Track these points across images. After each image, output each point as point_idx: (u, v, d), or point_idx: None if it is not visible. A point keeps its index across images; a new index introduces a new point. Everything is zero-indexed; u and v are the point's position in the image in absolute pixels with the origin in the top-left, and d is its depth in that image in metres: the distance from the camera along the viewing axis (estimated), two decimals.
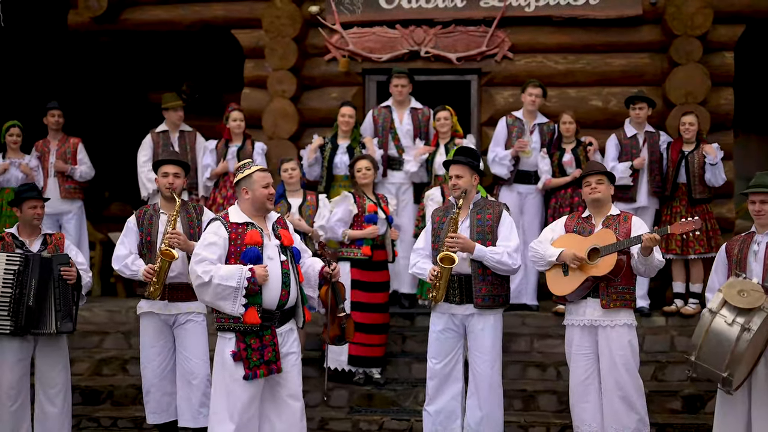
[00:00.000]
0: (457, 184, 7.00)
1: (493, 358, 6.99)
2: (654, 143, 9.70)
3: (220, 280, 5.96)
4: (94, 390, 8.98)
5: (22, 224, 7.47)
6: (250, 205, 6.28)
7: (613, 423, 6.76)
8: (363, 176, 8.78)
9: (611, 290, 6.70)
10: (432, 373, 7.12)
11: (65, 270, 7.20)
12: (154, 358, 7.27)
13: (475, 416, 7.02)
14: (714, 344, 5.91)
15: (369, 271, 8.80)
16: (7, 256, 7.20)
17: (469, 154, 7.16)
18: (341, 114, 9.81)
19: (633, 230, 6.73)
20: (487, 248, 6.85)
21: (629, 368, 6.73)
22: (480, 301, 6.92)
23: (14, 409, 7.25)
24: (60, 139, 10.61)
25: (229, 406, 6.10)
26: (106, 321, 10.16)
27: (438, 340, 7.08)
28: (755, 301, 5.83)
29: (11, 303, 7.13)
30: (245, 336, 6.08)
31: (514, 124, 9.93)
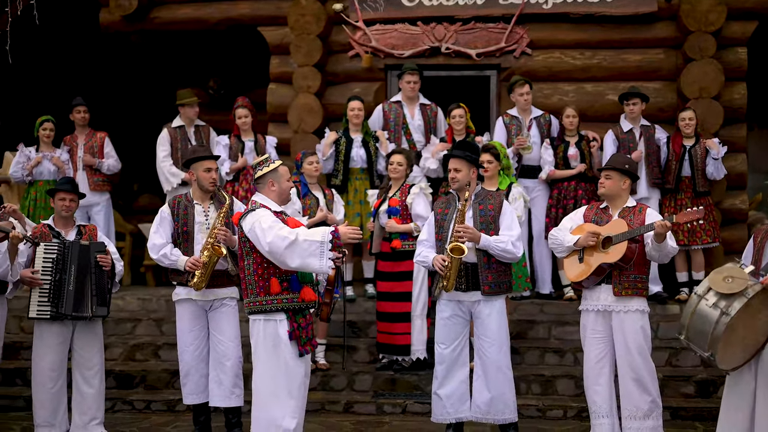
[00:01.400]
0: (455, 178, 7.28)
1: (501, 342, 7.28)
2: (650, 137, 10.03)
3: (306, 236, 6.11)
4: (128, 374, 9.34)
5: (56, 216, 7.83)
6: (276, 197, 6.59)
7: (627, 404, 7.02)
8: (394, 170, 9.09)
9: (623, 278, 6.97)
10: (441, 358, 7.41)
11: (102, 257, 7.55)
12: (191, 342, 7.57)
13: (483, 398, 7.30)
14: (698, 325, 6.20)
15: (392, 262, 9.10)
16: (45, 245, 7.55)
17: (467, 148, 7.47)
18: (350, 108, 10.14)
19: (647, 221, 6.98)
20: (492, 237, 7.14)
21: (642, 352, 7.00)
22: (487, 289, 7.21)
23: (54, 391, 7.60)
24: (87, 134, 10.95)
25: (288, 384, 6.30)
26: (138, 309, 10.52)
27: (446, 326, 7.37)
28: (737, 287, 6.10)
29: (51, 289, 7.48)
30: (296, 316, 6.37)
31: (512, 122, 10.26)
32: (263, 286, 6.32)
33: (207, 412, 7.69)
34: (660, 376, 8.68)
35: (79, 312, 7.49)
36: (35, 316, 7.53)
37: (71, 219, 7.85)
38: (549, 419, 8.53)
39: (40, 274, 7.48)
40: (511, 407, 7.37)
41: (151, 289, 11.50)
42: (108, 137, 11.01)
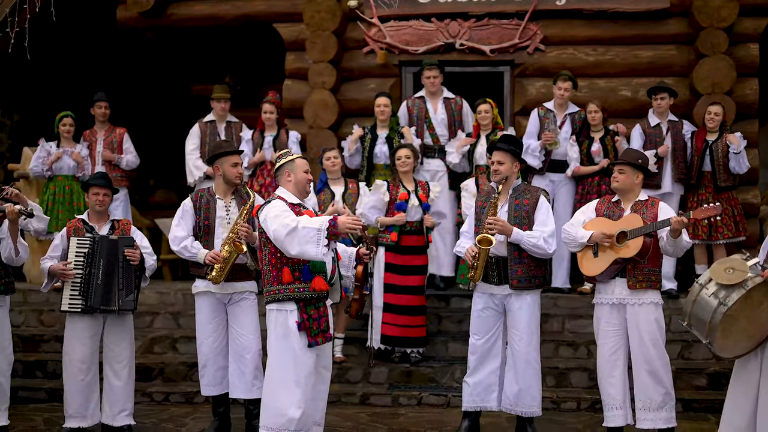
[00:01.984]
0: (498, 170, 7.39)
1: (530, 336, 7.39)
2: (677, 132, 10.08)
3: (305, 224, 6.29)
4: (147, 367, 9.46)
5: (90, 210, 7.95)
6: (293, 187, 6.74)
7: (641, 396, 7.13)
8: (402, 164, 9.20)
9: (637, 272, 7.07)
10: (473, 348, 7.54)
11: (129, 252, 7.67)
12: (210, 334, 7.67)
13: (512, 389, 7.43)
14: (699, 314, 6.34)
15: (402, 255, 9.22)
16: (78, 240, 7.70)
17: (512, 142, 7.57)
18: (377, 104, 10.24)
19: (660, 215, 7.08)
20: (524, 232, 7.23)
21: (656, 344, 7.10)
22: (515, 283, 7.32)
23: (85, 383, 7.72)
24: (107, 129, 11.07)
25: (296, 374, 6.50)
26: (155, 302, 10.64)
27: (479, 317, 7.50)
28: (736, 279, 6.22)
29: (82, 283, 7.62)
30: (306, 307, 6.54)
31: (546, 115, 10.32)
32: (276, 276, 6.52)
33: (226, 403, 7.82)
34: (672, 368, 8.76)
35: (106, 305, 7.63)
36: (66, 309, 7.67)
37: (105, 213, 7.97)
38: (563, 411, 8.65)
39: (72, 267, 7.62)
40: (538, 401, 7.50)
41: (168, 283, 11.63)
42: (127, 133, 11.12)
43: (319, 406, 6.91)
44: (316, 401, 6.86)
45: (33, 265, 10.89)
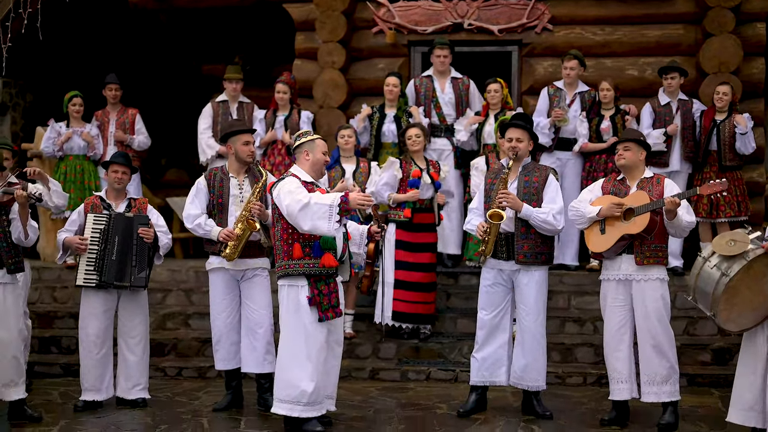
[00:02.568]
0: (518, 147, 7.49)
1: (537, 311, 7.54)
2: (687, 111, 10.16)
3: (317, 200, 6.56)
4: (160, 342, 9.59)
5: (109, 188, 8.10)
6: (309, 167, 6.96)
7: (646, 370, 7.24)
8: (413, 143, 9.30)
9: (645, 248, 7.17)
10: (482, 324, 7.67)
11: (143, 230, 7.82)
12: (223, 309, 7.81)
13: (519, 363, 7.58)
14: (702, 287, 6.52)
15: (413, 233, 9.33)
16: (94, 216, 7.86)
17: (527, 120, 7.70)
18: (386, 84, 10.32)
19: (666, 191, 7.17)
20: (534, 208, 7.37)
21: (661, 319, 7.21)
22: (521, 258, 7.46)
23: (99, 357, 7.90)
24: (119, 110, 11.16)
25: (307, 348, 6.79)
26: (168, 279, 10.78)
27: (488, 293, 7.63)
28: (737, 250, 6.37)
29: (97, 258, 7.79)
30: (317, 283, 6.73)
31: (556, 94, 10.41)
32: (287, 251, 6.77)
33: (238, 377, 7.96)
34: (678, 344, 8.86)
35: (120, 281, 7.78)
36: (81, 283, 7.85)
37: (123, 192, 8.12)
38: (569, 386, 8.80)
39: (89, 243, 7.79)
40: (543, 375, 7.65)
41: (179, 261, 11.77)
42: (139, 114, 11.23)
43: (331, 380, 7.13)
44: (329, 375, 7.06)
45: (47, 243, 11.04)
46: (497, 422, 7.46)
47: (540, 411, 7.60)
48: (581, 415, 7.68)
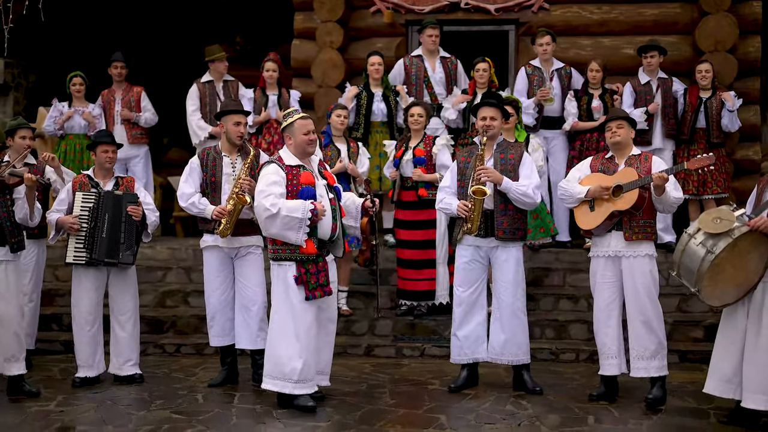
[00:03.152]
0: (491, 126, 7.60)
1: (515, 287, 7.64)
2: (667, 89, 10.25)
3: (287, 212, 6.80)
4: (159, 320, 9.76)
5: (97, 167, 8.22)
6: (294, 150, 7.14)
7: (635, 345, 7.33)
8: (415, 122, 9.35)
9: (633, 224, 7.25)
10: (459, 301, 7.77)
11: (132, 208, 7.94)
12: (218, 287, 7.93)
13: (498, 339, 7.68)
14: (687, 263, 6.62)
15: (413, 210, 9.42)
16: (83, 194, 7.98)
17: (500, 99, 7.78)
18: (370, 63, 10.40)
19: (653, 168, 7.25)
20: (513, 182, 7.48)
21: (650, 295, 7.30)
22: (501, 234, 7.56)
23: (92, 333, 8.05)
24: (124, 89, 11.26)
25: (295, 327, 6.97)
26: (168, 257, 10.92)
27: (465, 270, 7.72)
28: (722, 228, 6.44)
29: (86, 236, 7.92)
30: (304, 262, 6.90)
31: (534, 72, 10.50)
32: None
33: (233, 353, 8.08)
34: (670, 320, 9.11)
35: (110, 258, 7.91)
36: (72, 261, 7.99)
37: (111, 170, 8.25)
38: (561, 362, 8.89)
39: (78, 221, 7.90)
40: (524, 349, 7.74)
41: (180, 240, 11.90)
42: (144, 91, 11.32)
43: (323, 357, 7.26)
44: (321, 352, 7.19)
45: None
46: (487, 397, 7.56)
47: (530, 386, 7.70)
48: (571, 391, 7.77)
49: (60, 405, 7.37)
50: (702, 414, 7.10)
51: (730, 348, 6.78)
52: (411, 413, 7.14)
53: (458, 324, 7.81)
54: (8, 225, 7.54)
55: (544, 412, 7.10)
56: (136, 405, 7.38)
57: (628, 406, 7.29)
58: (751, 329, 6.67)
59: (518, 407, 7.27)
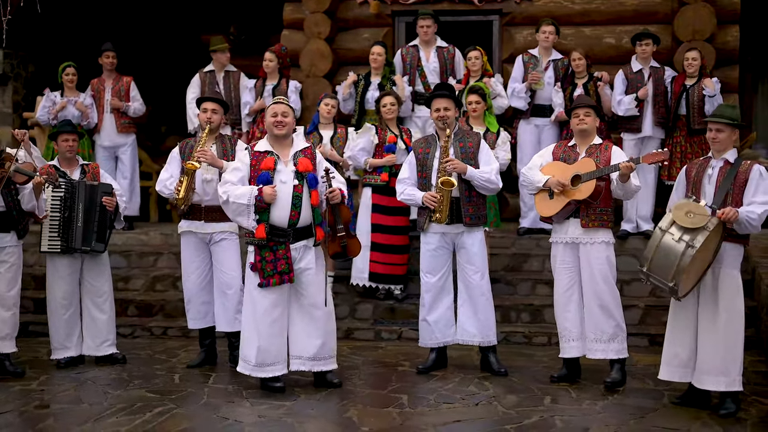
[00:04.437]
0: (446, 116, 7.83)
1: (483, 269, 7.92)
2: (659, 78, 10.38)
3: (234, 198, 7.13)
4: (149, 303, 10.08)
5: (61, 156, 8.52)
6: (267, 135, 7.38)
7: (593, 329, 7.56)
8: (387, 111, 9.59)
9: (590, 212, 7.47)
10: (428, 287, 8.03)
11: (107, 199, 8.26)
12: (193, 271, 8.22)
13: (471, 322, 7.94)
14: (662, 258, 6.69)
15: (388, 196, 9.63)
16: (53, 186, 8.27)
17: (449, 89, 8.04)
18: (371, 52, 10.63)
19: (613, 159, 7.45)
20: (476, 170, 7.74)
21: (607, 280, 7.53)
22: (468, 220, 7.82)
23: (66, 318, 8.39)
24: (114, 78, 11.53)
25: (253, 312, 7.33)
26: (160, 243, 11.21)
27: (432, 257, 7.97)
28: (699, 222, 6.60)
29: (60, 225, 8.25)
30: (261, 249, 7.17)
31: (530, 60, 10.68)
32: None
33: (212, 335, 8.39)
34: (642, 305, 9.35)
35: (86, 246, 8.24)
36: (47, 249, 8.34)
37: (75, 159, 8.54)
38: (534, 345, 9.13)
39: (49, 211, 8.23)
40: (494, 330, 8.01)
41: (174, 225, 12.06)
42: (134, 82, 11.59)
43: (304, 342, 7.45)
44: (299, 338, 7.43)
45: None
46: (453, 378, 7.81)
47: (495, 368, 7.95)
48: (536, 373, 8.00)
49: (42, 384, 7.71)
50: (657, 395, 7.32)
51: (684, 333, 6.99)
52: (375, 393, 7.43)
53: (428, 309, 8.06)
54: (14, 213, 7.91)
55: (504, 393, 7.35)
56: (115, 384, 7.69)
57: (587, 388, 7.52)
58: (704, 314, 6.87)
59: (480, 388, 7.52)
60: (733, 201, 6.77)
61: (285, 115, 7.39)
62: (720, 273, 6.88)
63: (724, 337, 6.83)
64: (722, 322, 6.84)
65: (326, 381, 7.52)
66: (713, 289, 6.87)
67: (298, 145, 7.53)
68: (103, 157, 11.26)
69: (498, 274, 9.95)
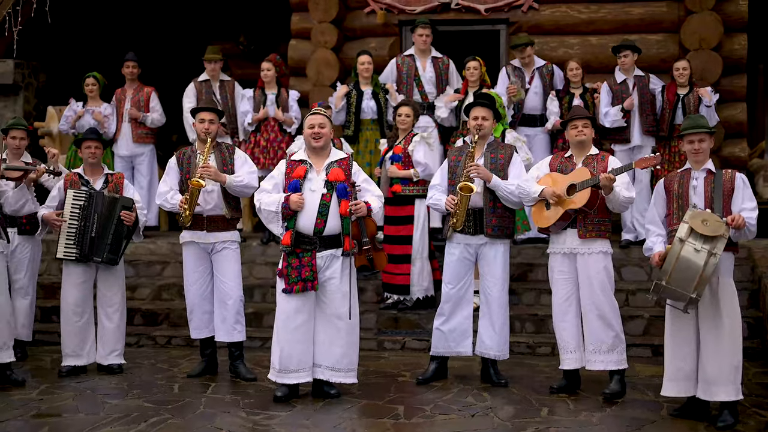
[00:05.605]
0: (483, 126, 7.81)
1: (503, 282, 7.89)
2: (644, 86, 10.35)
3: (265, 206, 7.33)
4: (154, 312, 10.13)
5: (85, 164, 8.59)
6: (304, 144, 7.57)
7: (591, 340, 7.53)
8: (402, 121, 9.52)
9: (587, 222, 7.44)
10: (447, 297, 7.99)
11: (125, 213, 8.28)
12: (195, 281, 8.24)
13: (488, 334, 7.91)
14: (684, 269, 6.57)
15: (396, 206, 9.66)
16: (74, 192, 8.34)
17: (491, 100, 8.04)
18: (360, 62, 10.64)
19: (609, 168, 7.42)
20: (501, 180, 7.70)
21: (605, 290, 7.49)
22: (490, 231, 7.78)
23: (80, 325, 8.43)
24: (135, 88, 11.59)
25: (279, 316, 7.40)
26: (167, 252, 11.24)
27: (455, 267, 7.93)
28: (717, 229, 6.55)
29: (77, 233, 8.29)
30: (288, 256, 7.27)
31: (515, 72, 10.69)
32: None
33: (213, 345, 8.40)
34: (647, 315, 9.29)
35: (97, 256, 8.29)
36: (62, 256, 8.39)
37: (99, 166, 8.58)
38: (538, 355, 9.10)
39: (68, 218, 8.27)
40: (508, 344, 8.03)
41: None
42: (155, 92, 11.64)
43: (326, 351, 7.45)
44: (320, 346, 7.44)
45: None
46: (452, 389, 7.80)
47: (495, 379, 7.93)
48: (536, 384, 7.97)
49: (42, 393, 7.73)
50: (655, 407, 7.27)
51: (686, 347, 6.93)
52: (371, 404, 7.41)
53: (446, 318, 8.02)
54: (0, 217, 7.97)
55: (502, 404, 7.33)
56: (114, 394, 7.72)
57: (585, 399, 7.49)
58: (706, 324, 6.80)
59: (478, 399, 7.51)
60: (723, 210, 6.76)
61: (322, 126, 7.44)
62: (718, 282, 6.83)
63: (729, 344, 6.78)
64: (726, 330, 6.78)
65: (324, 391, 7.51)
66: (712, 298, 6.81)
67: (335, 155, 7.60)
68: (121, 166, 11.30)
69: None
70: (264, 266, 10.59)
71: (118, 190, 8.47)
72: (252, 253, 10.86)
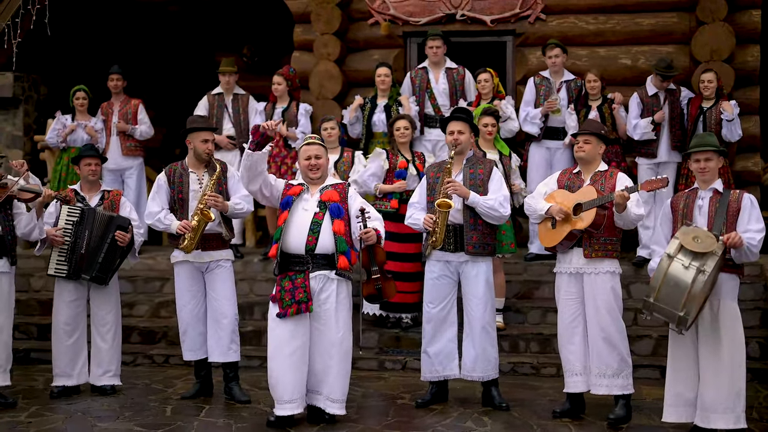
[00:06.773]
0: (459, 140, 7.59)
1: (486, 302, 7.61)
2: (675, 100, 10.07)
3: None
4: (152, 330, 9.93)
5: (82, 180, 8.41)
6: (303, 174, 7.41)
7: (597, 363, 7.28)
8: (401, 135, 9.36)
9: (593, 241, 7.21)
10: (429, 317, 7.75)
11: (120, 234, 8.09)
12: (189, 301, 8.03)
13: (470, 355, 7.66)
14: (672, 286, 6.41)
15: (400, 223, 9.42)
16: (69, 208, 8.17)
17: (468, 114, 7.79)
18: (377, 74, 10.43)
19: (618, 185, 7.19)
20: (480, 196, 7.46)
21: (612, 312, 7.25)
22: (471, 249, 7.53)
23: (70, 344, 8.23)
24: (122, 101, 11.40)
25: (272, 341, 7.12)
26: (166, 268, 10.94)
27: (435, 286, 7.71)
28: (708, 246, 6.34)
29: (69, 250, 8.11)
30: (281, 280, 7.05)
31: (542, 83, 10.43)
32: None
33: (207, 367, 8.18)
34: (655, 335, 9.03)
35: (86, 273, 8.09)
36: (53, 273, 8.20)
37: (97, 183, 8.42)
38: (542, 376, 8.88)
39: (62, 235, 8.07)
40: (494, 364, 7.74)
41: None
42: (142, 104, 11.45)
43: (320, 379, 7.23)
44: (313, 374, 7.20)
45: None
46: (451, 413, 7.57)
47: (497, 402, 7.70)
48: (538, 407, 7.74)
49: (31, 416, 7.55)
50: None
51: (686, 372, 6.76)
52: (368, 428, 7.19)
53: (428, 340, 7.79)
54: (9, 239, 7.80)
55: (502, 429, 7.13)
56: (105, 417, 7.53)
57: (588, 425, 7.27)
58: (705, 348, 6.64)
59: (478, 424, 7.28)
60: (726, 230, 6.56)
61: (318, 157, 7.31)
62: (719, 305, 6.67)
63: (729, 370, 6.60)
64: (725, 356, 6.61)
65: (318, 417, 7.27)
66: (713, 322, 6.65)
67: (332, 180, 7.48)
68: (110, 180, 11.11)
69: (508, 301, 9.71)
70: (265, 283, 10.35)
71: (114, 208, 8.30)
72: (253, 270, 10.67)
